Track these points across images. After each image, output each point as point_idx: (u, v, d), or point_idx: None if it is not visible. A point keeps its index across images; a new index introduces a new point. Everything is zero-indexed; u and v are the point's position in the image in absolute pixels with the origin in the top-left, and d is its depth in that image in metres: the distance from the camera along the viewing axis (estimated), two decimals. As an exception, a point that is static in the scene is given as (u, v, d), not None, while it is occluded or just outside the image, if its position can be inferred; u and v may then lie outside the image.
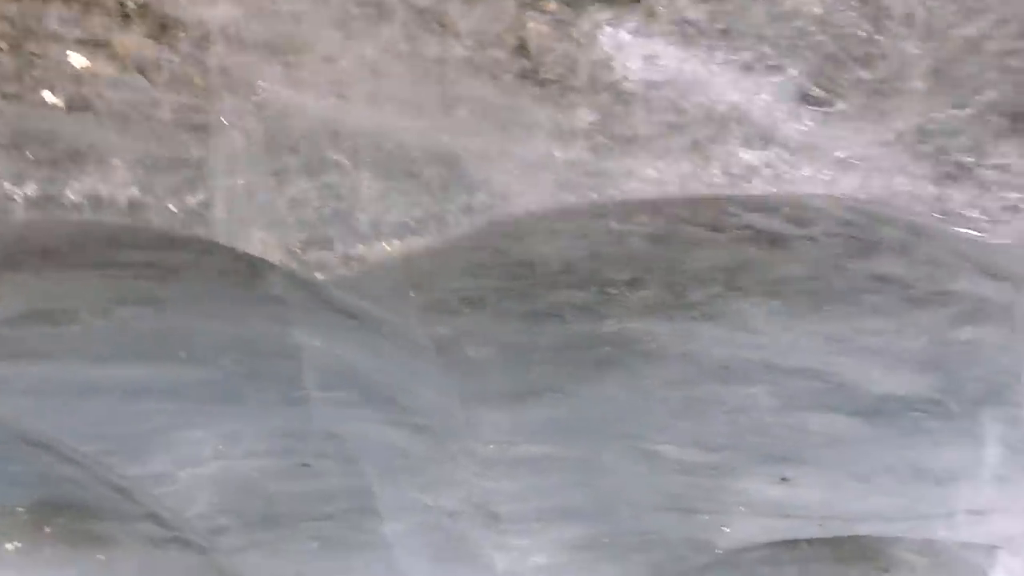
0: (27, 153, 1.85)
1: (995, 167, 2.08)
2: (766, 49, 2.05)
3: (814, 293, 1.65)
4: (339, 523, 2.03)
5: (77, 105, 1.99)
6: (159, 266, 1.47)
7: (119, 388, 1.59)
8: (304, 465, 1.84)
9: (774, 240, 1.55)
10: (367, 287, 1.47)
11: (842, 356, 1.74)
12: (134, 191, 1.41)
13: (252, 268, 1.50)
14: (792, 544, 2.02)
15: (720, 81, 1.96)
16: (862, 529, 1.78)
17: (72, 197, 1.57)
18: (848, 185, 1.97)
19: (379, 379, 1.68)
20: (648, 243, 1.51)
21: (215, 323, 1.55)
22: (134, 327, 1.52)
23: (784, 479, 1.71)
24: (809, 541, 2.02)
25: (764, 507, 1.76)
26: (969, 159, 2.07)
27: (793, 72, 2.07)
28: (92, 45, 1.95)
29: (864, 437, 1.74)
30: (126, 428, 1.67)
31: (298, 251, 1.39)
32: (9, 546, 2.05)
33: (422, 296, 1.50)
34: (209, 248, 1.47)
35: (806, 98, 2.03)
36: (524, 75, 2.02)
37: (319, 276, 1.45)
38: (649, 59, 2.03)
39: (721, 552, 1.83)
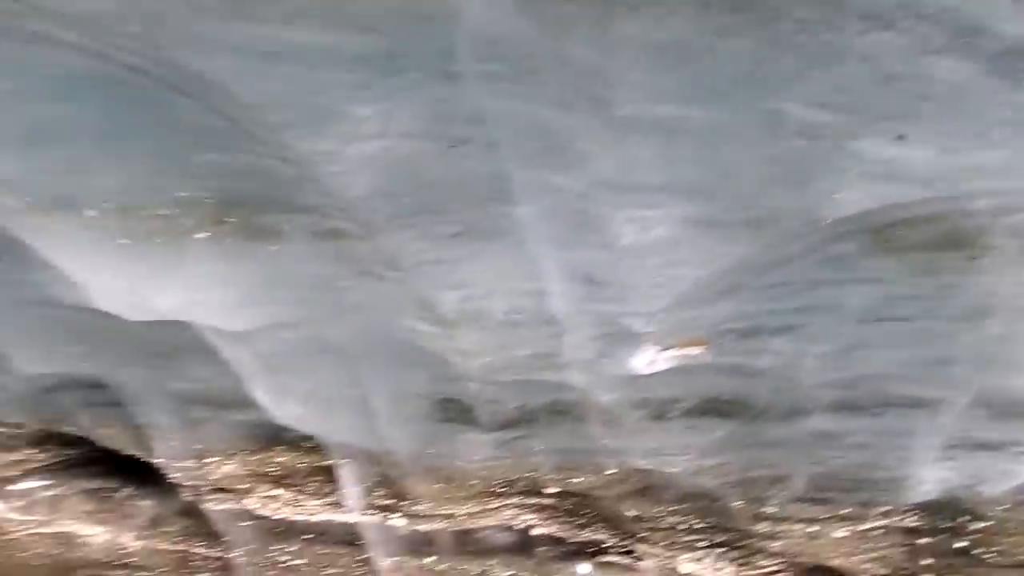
0: None
1: None
2: None
3: None
4: (478, 210, 2.29)
5: None
6: None
7: (303, 54, 1.76)
8: (451, 148, 2.05)
9: None
10: None
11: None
12: None
13: None
14: (887, 233, 2.19)
15: None
16: (967, 187, 1.93)
17: None
18: None
19: (530, 49, 1.80)
20: None
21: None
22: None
23: (900, 137, 1.84)
24: (905, 224, 2.19)
25: (876, 169, 1.91)
26: None
27: None
28: None
29: (985, 87, 1.83)
30: (305, 99, 1.88)
31: None
32: (199, 235, 2.40)
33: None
34: None
35: None
36: None
37: None
38: None
39: (828, 224, 2.01)
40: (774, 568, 3.42)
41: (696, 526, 3.38)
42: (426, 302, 2.47)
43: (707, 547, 3.36)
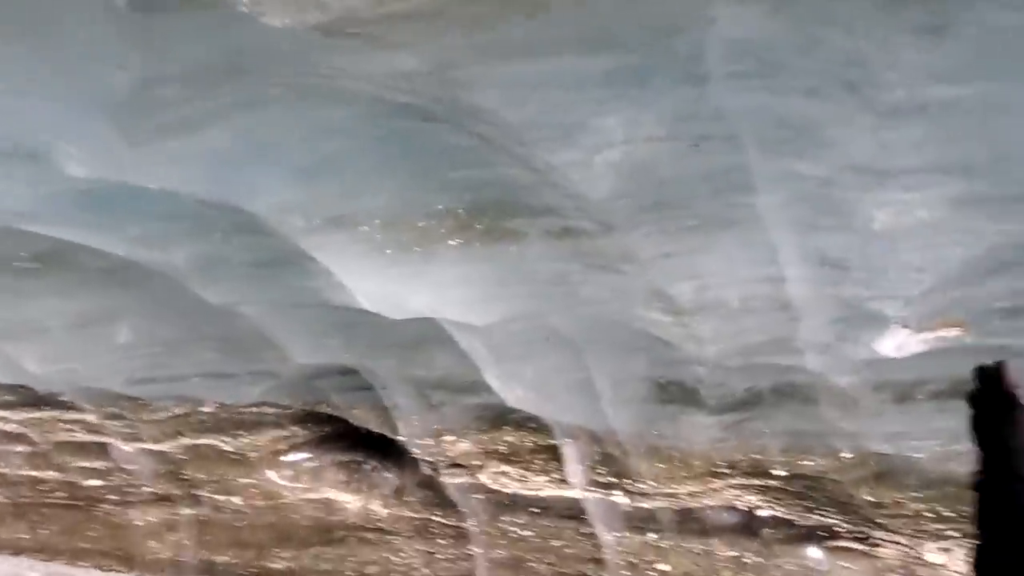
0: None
1: None
2: None
3: None
4: (716, 202, 2.32)
5: None
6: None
7: (561, 79, 1.90)
8: (693, 146, 2.09)
9: None
10: None
11: None
12: None
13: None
14: None
15: None
16: None
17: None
18: None
19: (777, 43, 1.80)
20: None
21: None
22: (587, 11, 1.74)
23: None
24: None
25: None
26: None
27: None
28: None
29: None
30: (558, 117, 2.02)
31: None
32: (452, 242, 2.65)
33: None
34: None
35: None
36: None
37: None
38: None
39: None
40: (1040, 562, 3.13)
41: (945, 515, 3.19)
42: (661, 293, 2.55)
43: (959, 538, 3.16)
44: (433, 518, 4.51)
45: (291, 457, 4.85)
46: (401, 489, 4.73)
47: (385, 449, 4.65)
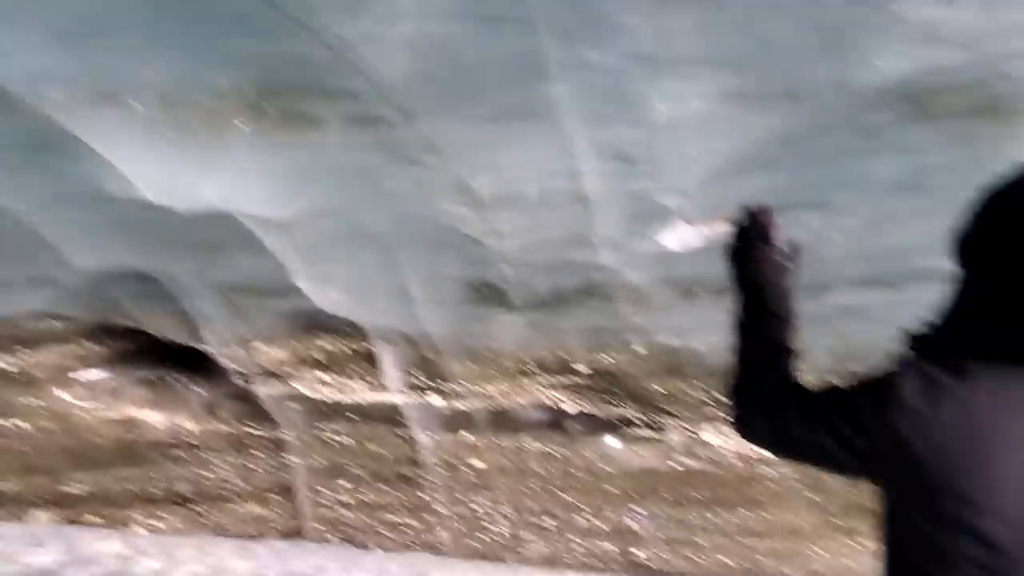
0: None
1: None
2: None
3: None
4: (514, 90, 2.31)
5: None
6: None
7: None
8: (487, 25, 2.05)
9: None
10: None
11: None
12: None
13: None
14: (924, 101, 2.17)
15: None
16: (1005, 48, 1.92)
17: None
18: None
19: None
20: None
21: None
22: None
23: (947, -5, 1.82)
24: (943, 90, 2.17)
25: (917, 32, 1.91)
26: None
27: None
28: None
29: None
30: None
31: None
32: (243, 126, 2.45)
33: None
34: None
35: None
36: None
37: None
38: None
39: (866, 92, 2.02)
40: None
41: (721, 400, 3.56)
42: (463, 185, 2.54)
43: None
44: (248, 430, 4.37)
45: (85, 375, 4.46)
46: (212, 403, 4.52)
47: (193, 363, 4.39)
